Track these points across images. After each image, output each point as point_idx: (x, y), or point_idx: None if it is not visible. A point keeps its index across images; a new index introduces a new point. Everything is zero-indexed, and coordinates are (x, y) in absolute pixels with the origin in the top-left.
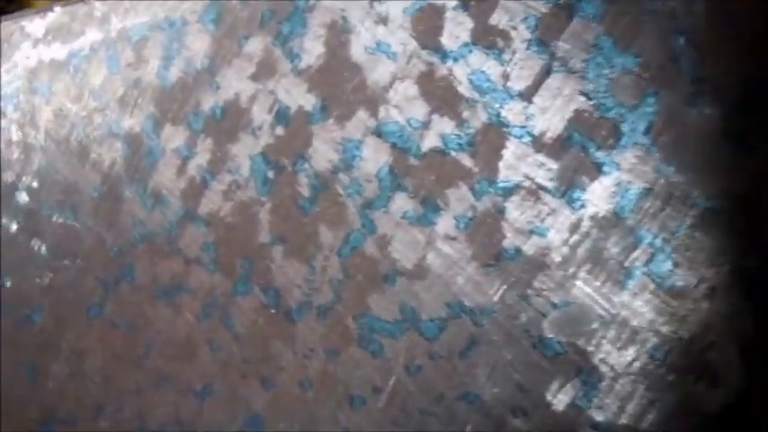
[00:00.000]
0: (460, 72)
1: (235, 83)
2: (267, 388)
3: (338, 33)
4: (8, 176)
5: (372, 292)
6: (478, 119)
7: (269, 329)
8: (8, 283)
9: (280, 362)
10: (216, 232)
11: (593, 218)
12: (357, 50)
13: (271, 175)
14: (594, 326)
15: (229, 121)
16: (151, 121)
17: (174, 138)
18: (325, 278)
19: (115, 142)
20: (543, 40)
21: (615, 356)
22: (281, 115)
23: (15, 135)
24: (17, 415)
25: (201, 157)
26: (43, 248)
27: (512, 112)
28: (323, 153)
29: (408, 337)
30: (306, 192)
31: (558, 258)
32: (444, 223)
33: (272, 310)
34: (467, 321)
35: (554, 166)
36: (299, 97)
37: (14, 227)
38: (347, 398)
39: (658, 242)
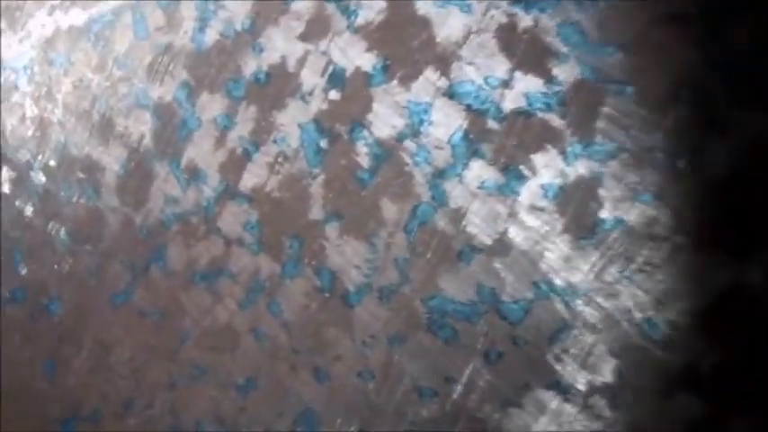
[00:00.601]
0: (548, 23)
1: (281, 44)
2: (321, 380)
3: None
4: (22, 155)
5: (444, 271)
6: (570, 75)
7: (322, 315)
8: (23, 271)
9: (335, 351)
10: (260, 209)
11: (709, 181)
12: (424, 3)
13: (324, 144)
14: (711, 302)
15: (275, 87)
16: (185, 89)
17: (212, 107)
18: (389, 257)
19: (143, 114)
20: None
21: (739, 338)
22: (336, 78)
23: (30, 110)
24: (35, 413)
25: (243, 128)
26: (62, 232)
27: (609, 66)
28: (385, 118)
29: (487, 320)
30: (365, 162)
31: (667, 229)
32: (529, 193)
33: (326, 294)
34: (556, 302)
35: (662, 125)
36: (357, 57)
37: (30, 210)
38: (415, 390)
39: None
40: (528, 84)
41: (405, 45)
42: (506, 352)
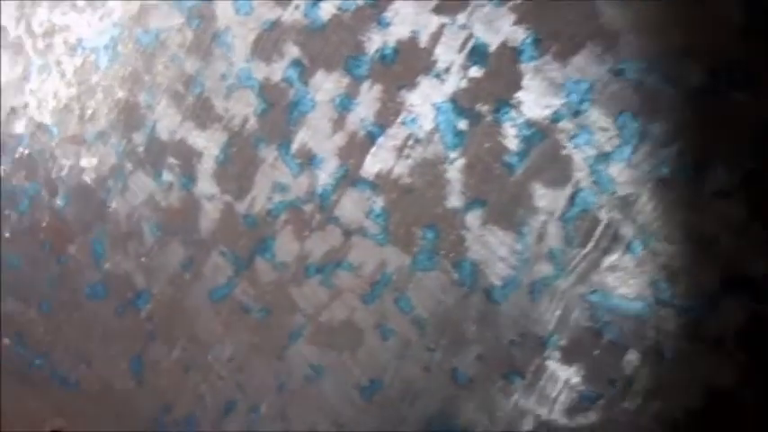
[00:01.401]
0: None
1: (411, 18)
2: (459, 381)
3: None
4: (104, 141)
5: (609, 264)
6: (759, 49)
7: (462, 311)
8: (106, 265)
9: (477, 350)
10: (387, 197)
11: None
12: None
13: (463, 126)
14: None
15: (404, 64)
16: (297, 68)
17: (328, 87)
18: (541, 248)
19: (246, 95)
20: None
21: None
22: (477, 54)
23: (112, 92)
24: (120, 414)
25: (366, 109)
26: (151, 222)
27: None
28: (538, 98)
29: (661, 317)
30: (513, 144)
31: None
32: (715, 179)
33: (466, 288)
34: (744, 298)
35: None
36: (503, 31)
37: (114, 199)
38: (574, 392)
39: None
40: (709, 61)
41: (560, 18)
42: (683, 350)
